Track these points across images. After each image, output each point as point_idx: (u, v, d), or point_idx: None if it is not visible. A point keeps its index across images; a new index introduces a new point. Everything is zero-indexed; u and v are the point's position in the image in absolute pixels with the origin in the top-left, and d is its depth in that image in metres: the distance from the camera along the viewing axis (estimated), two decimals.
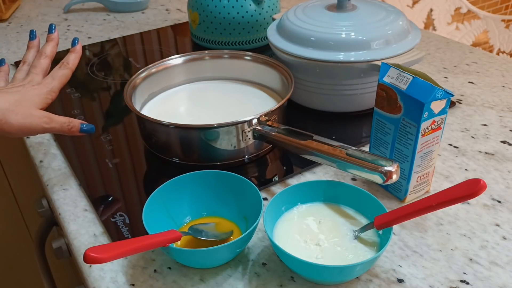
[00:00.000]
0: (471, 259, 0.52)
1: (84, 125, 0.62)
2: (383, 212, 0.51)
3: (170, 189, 0.55)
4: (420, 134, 0.54)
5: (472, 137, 0.72)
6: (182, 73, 0.80)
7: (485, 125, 0.75)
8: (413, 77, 0.54)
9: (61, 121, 0.60)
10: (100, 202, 0.61)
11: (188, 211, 0.57)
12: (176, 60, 0.79)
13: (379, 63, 0.67)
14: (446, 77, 0.90)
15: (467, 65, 0.94)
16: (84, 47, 1.06)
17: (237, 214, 0.56)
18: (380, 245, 0.50)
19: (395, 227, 0.56)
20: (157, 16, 1.25)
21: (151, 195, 0.54)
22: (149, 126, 0.66)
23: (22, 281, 1.32)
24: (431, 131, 0.55)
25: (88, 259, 0.42)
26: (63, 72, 0.64)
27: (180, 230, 0.53)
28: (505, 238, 0.55)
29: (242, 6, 0.96)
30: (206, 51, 0.81)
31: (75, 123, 0.62)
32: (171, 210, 0.55)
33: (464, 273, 0.51)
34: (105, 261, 0.43)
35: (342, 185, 0.56)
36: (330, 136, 0.59)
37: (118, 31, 1.15)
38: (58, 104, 0.85)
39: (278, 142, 0.62)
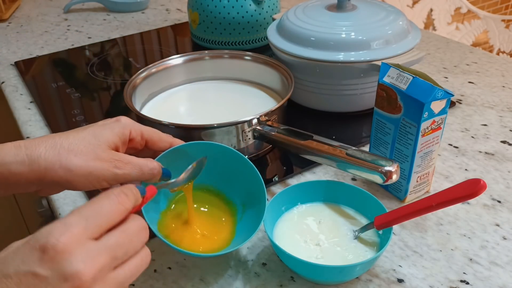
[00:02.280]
0: (471, 259, 0.52)
1: (163, 169, 0.48)
2: (383, 212, 0.51)
3: (176, 155, 0.51)
4: (420, 134, 0.54)
5: (472, 137, 0.72)
6: (182, 73, 0.80)
7: (485, 125, 0.75)
8: (413, 77, 0.54)
9: (140, 165, 0.45)
10: None
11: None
12: (176, 60, 0.79)
13: (379, 63, 0.67)
14: (446, 77, 0.90)
15: (467, 65, 0.94)
16: (84, 47, 1.06)
17: (237, 195, 0.54)
18: (380, 245, 0.50)
19: (395, 227, 0.56)
20: (157, 16, 1.25)
21: None
22: (149, 126, 0.66)
23: None
24: (431, 131, 0.54)
25: None
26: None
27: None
28: (505, 238, 0.55)
29: (242, 6, 0.95)
30: (206, 51, 0.81)
31: (155, 165, 0.46)
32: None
33: (464, 273, 0.51)
34: None
35: (342, 185, 0.56)
36: (330, 136, 0.59)
37: (118, 31, 1.15)
38: (58, 105, 0.85)
39: (278, 142, 0.62)
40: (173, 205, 0.54)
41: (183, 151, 0.51)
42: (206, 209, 0.54)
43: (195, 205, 0.53)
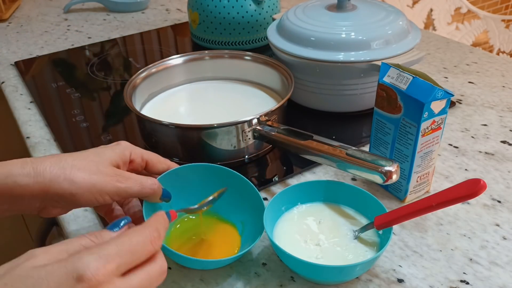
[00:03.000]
0: (471, 259, 0.52)
1: (163, 189, 0.50)
2: (383, 212, 0.51)
3: (173, 178, 0.53)
4: (420, 134, 0.54)
5: (472, 137, 0.72)
6: (182, 73, 0.80)
7: (485, 125, 0.75)
8: (413, 77, 0.54)
9: (140, 180, 0.47)
10: None
11: (187, 202, 0.54)
12: (176, 60, 0.79)
13: (379, 63, 0.67)
14: (446, 77, 0.90)
15: (467, 65, 0.94)
16: (84, 47, 1.06)
17: (235, 215, 0.56)
18: (380, 245, 0.50)
19: (395, 227, 0.56)
20: (157, 16, 1.25)
21: None
22: (149, 126, 0.66)
23: None
24: (431, 131, 0.54)
25: None
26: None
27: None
28: (505, 238, 0.55)
29: (242, 6, 0.95)
30: (206, 51, 0.81)
31: (155, 181, 0.49)
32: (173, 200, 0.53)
33: (464, 273, 0.51)
34: None
35: (342, 185, 0.56)
36: (330, 136, 0.59)
37: (118, 31, 1.15)
38: (58, 105, 0.85)
39: (278, 142, 0.62)
40: (175, 226, 0.55)
41: (178, 174, 0.53)
42: (205, 237, 0.55)
43: (193, 237, 0.54)
